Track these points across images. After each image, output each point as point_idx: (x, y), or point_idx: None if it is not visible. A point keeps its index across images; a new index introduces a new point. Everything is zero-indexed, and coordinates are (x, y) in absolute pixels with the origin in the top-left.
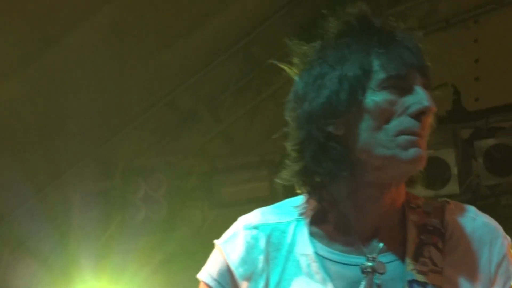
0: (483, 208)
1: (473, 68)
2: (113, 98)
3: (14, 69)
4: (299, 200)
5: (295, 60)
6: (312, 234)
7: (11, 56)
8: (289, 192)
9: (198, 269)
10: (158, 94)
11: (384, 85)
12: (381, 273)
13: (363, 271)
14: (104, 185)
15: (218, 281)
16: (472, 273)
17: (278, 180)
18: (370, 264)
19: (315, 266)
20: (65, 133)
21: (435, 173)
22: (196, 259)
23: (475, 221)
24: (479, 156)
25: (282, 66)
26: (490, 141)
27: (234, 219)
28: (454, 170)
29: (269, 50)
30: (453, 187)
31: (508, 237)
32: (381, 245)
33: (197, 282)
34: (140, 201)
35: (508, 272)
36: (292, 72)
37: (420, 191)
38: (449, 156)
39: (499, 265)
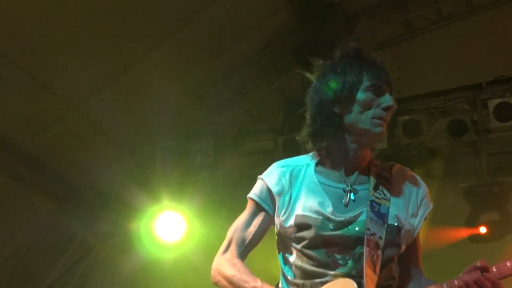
0: (402, 157)
1: (396, 73)
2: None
3: (107, 81)
4: (307, 155)
5: (314, 69)
6: (316, 171)
7: (102, 70)
8: (285, 148)
9: (233, 193)
10: None
11: (368, 89)
12: (355, 193)
13: (344, 190)
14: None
15: (260, 197)
16: (406, 203)
17: (297, 137)
18: (348, 188)
19: (317, 188)
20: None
21: None
22: (234, 188)
23: (408, 175)
24: (400, 126)
25: (304, 72)
26: (406, 117)
27: (251, 163)
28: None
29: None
30: (384, 144)
31: (426, 185)
32: (355, 177)
33: (239, 201)
34: (197, 152)
35: (426, 205)
36: (310, 76)
37: None
38: None
39: (422, 199)
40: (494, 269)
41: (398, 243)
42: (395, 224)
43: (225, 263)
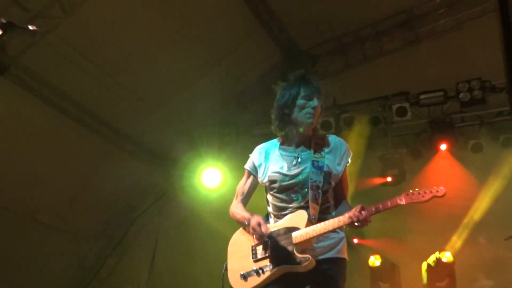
0: (343, 136)
1: (339, 90)
2: None
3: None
4: (276, 139)
5: (277, 88)
6: (279, 148)
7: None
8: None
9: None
10: None
11: (303, 98)
12: (301, 157)
13: (295, 157)
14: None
15: (250, 168)
16: (335, 157)
17: (272, 129)
18: (297, 154)
19: (279, 158)
20: None
21: None
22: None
23: (337, 139)
24: (342, 120)
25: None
26: (346, 115)
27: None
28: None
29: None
30: (333, 130)
31: (346, 143)
32: (302, 148)
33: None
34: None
35: (346, 156)
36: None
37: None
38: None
39: (343, 153)
40: (373, 208)
41: (330, 182)
42: (327, 171)
43: (234, 205)
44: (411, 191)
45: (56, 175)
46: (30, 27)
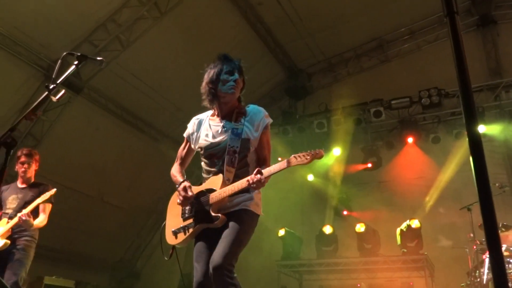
0: (333, 132)
1: (329, 97)
2: None
3: None
4: (209, 111)
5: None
6: (209, 119)
7: None
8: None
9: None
10: None
11: (225, 73)
12: (224, 126)
13: (221, 127)
14: None
15: (187, 136)
16: (253, 124)
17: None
18: (221, 124)
19: (208, 127)
20: None
21: None
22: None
23: (256, 108)
24: (330, 120)
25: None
26: (335, 117)
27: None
28: None
29: None
30: (325, 129)
31: (265, 111)
32: (225, 121)
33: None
34: None
35: (264, 122)
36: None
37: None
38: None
39: (260, 120)
40: (266, 172)
41: (248, 147)
42: (245, 138)
43: (173, 167)
44: (298, 154)
45: (118, 167)
46: (98, 58)
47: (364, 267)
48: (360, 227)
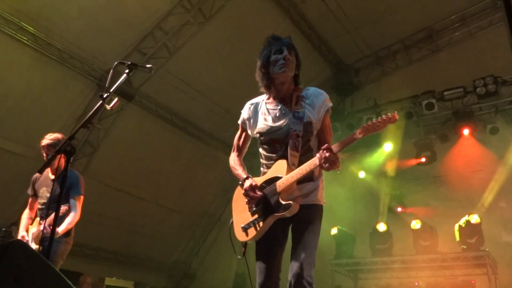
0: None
1: (378, 93)
2: None
3: None
4: (264, 95)
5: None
6: (266, 103)
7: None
8: None
9: None
10: None
11: (274, 53)
12: (283, 110)
13: (279, 110)
14: None
15: (242, 123)
16: (314, 107)
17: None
18: (280, 107)
19: (266, 112)
20: None
21: None
22: None
23: (317, 91)
24: (384, 112)
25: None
26: (387, 110)
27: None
28: None
29: None
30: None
31: (326, 94)
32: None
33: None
34: None
35: (325, 105)
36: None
37: None
38: None
39: (322, 103)
40: (337, 146)
41: (310, 131)
42: (308, 121)
43: (232, 158)
44: (368, 123)
45: (170, 171)
46: (147, 66)
47: (422, 264)
48: (415, 224)
